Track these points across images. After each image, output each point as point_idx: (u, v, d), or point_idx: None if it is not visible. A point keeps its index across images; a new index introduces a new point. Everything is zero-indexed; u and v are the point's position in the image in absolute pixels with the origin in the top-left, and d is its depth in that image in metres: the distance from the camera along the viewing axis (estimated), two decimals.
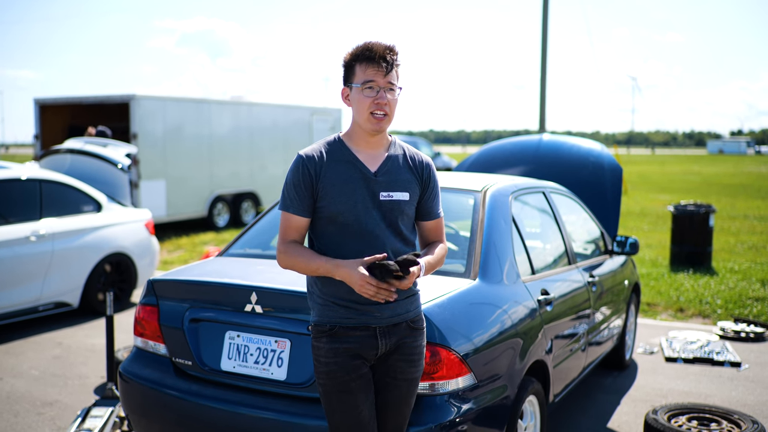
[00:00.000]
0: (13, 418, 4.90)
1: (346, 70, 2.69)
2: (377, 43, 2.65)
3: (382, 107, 2.62)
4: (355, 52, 2.65)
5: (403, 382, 2.76)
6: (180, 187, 14.09)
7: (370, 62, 2.62)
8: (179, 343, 3.51)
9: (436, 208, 2.84)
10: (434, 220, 2.84)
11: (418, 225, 2.85)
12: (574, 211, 5.40)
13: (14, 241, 6.81)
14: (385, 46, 2.64)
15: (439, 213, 2.85)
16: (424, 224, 2.84)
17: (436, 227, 2.85)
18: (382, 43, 2.65)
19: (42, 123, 14.68)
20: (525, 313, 3.76)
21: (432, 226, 2.84)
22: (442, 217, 2.87)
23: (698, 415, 4.64)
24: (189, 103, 14.52)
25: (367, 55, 2.62)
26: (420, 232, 2.86)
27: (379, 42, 2.66)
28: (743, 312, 8.02)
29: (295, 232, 2.69)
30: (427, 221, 2.83)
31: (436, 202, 2.84)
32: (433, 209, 2.83)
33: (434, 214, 2.84)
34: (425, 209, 2.81)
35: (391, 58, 2.63)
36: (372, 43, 2.65)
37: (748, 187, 29.51)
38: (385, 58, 2.62)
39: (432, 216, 2.83)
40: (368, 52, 2.62)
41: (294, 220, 2.67)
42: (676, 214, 10.78)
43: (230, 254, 4.23)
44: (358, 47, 2.66)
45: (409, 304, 2.73)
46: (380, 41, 2.66)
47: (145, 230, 8.26)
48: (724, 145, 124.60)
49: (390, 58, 2.63)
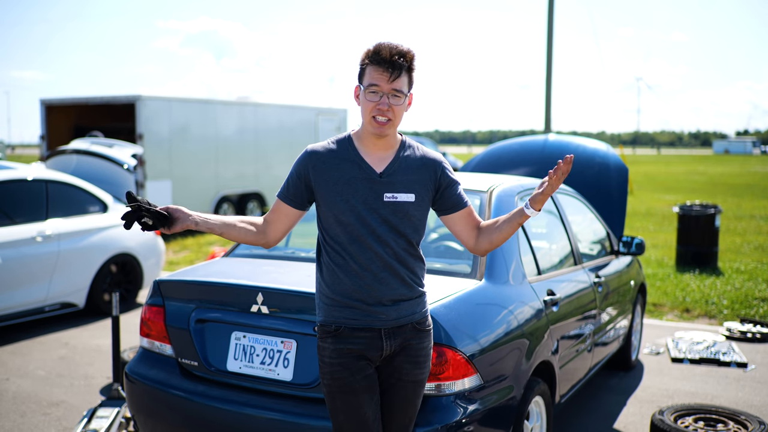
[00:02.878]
0: (19, 418, 4.91)
1: (360, 70, 2.63)
2: (388, 45, 2.56)
3: (384, 113, 2.56)
4: (368, 52, 2.59)
5: (408, 384, 2.75)
6: (186, 188, 14.11)
7: (378, 65, 2.55)
8: (185, 344, 3.51)
9: (462, 198, 2.75)
10: (465, 209, 2.76)
11: (451, 219, 2.76)
12: (580, 211, 5.39)
13: (20, 241, 6.83)
14: (395, 50, 2.54)
15: (466, 202, 2.77)
16: (457, 216, 2.76)
17: (469, 213, 2.77)
18: (394, 46, 2.55)
19: (48, 124, 14.73)
20: (531, 314, 3.75)
21: (465, 214, 2.76)
22: (470, 205, 2.79)
23: (705, 415, 4.63)
24: (194, 103, 14.54)
25: (375, 57, 2.56)
26: (458, 224, 2.77)
27: (392, 44, 2.56)
28: (749, 312, 8.00)
29: (274, 213, 2.73)
30: (458, 212, 2.75)
31: (459, 192, 2.76)
32: (459, 200, 2.75)
33: (462, 203, 2.75)
34: (451, 202, 2.74)
35: (399, 63, 2.54)
36: (382, 46, 2.56)
37: (754, 187, 29.42)
38: (392, 63, 2.53)
39: (461, 206, 2.75)
40: (377, 54, 2.55)
41: (277, 205, 2.73)
42: (682, 215, 10.75)
43: (236, 255, 4.23)
44: (372, 47, 2.59)
45: (415, 305, 2.72)
46: (394, 43, 2.56)
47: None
48: (729, 145, 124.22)
49: (398, 63, 2.54)
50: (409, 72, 2.60)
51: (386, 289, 2.64)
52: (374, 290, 2.63)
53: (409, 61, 2.58)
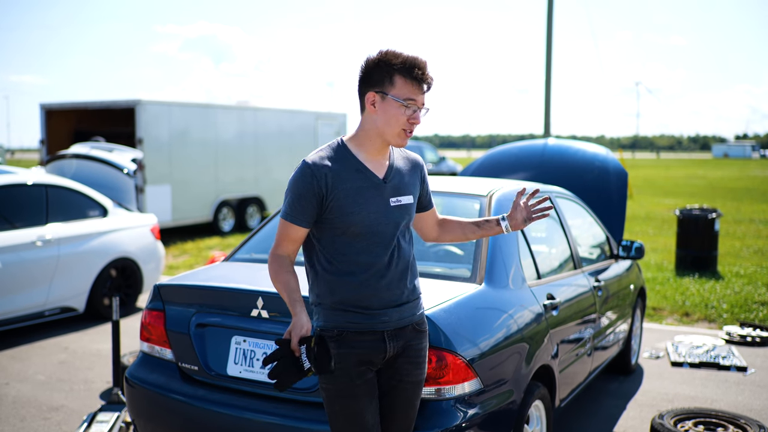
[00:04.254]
0: (19, 422, 4.91)
1: (382, 76, 2.57)
2: (424, 61, 2.60)
3: (413, 126, 2.64)
4: (401, 64, 2.55)
5: (409, 385, 2.76)
6: (185, 192, 14.11)
7: (416, 81, 2.57)
8: (185, 348, 3.52)
9: (431, 196, 2.97)
10: (433, 207, 2.99)
11: (423, 217, 2.97)
12: (580, 215, 5.40)
13: (20, 246, 6.83)
14: (426, 66, 2.60)
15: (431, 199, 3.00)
16: (427, 214, 2.97)
17: (434, 211, 3.01)
18: (424, 62, 2.60)
19: (48, 128, 14.73)
20: (531, 318, 3.76)
21: (432, 212, 3.00)
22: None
23: (704, 419, 4.63)
24: (194, 108, 14.55)
25: (415, 73, 2.56)
26: (428, 221, 2.99)
27: (423, 59, 2.61)
28: (749, 316, 8.00)
29: (292, 243, 2.65)
30: (428, 210, 2.96)
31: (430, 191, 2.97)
32: (430, 199, 2.97)
33: (431, 202, 2.98)
34: (426, 200, 2.93)
35: (431, 79, 2.62)
36: (420, 61, 2.58)
37: (754, 191, 29.44)
38: (428, 81, 2.61)
39: (431, 204, 2.97)
40: (418, 70, 2.56)
41: (293, 230, 2.61)
42: (682, 218, 10.76)
43: (236, 259, 4.24)
44: (405, 59, 2.56)
45: (415, 307, 2.75)
46: (421, 57, 2.60)
47: (151, 235, 8.28)
48: (728, 148, 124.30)
49: (431, 79, 2.62)
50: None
51: (394, 294, 2.66)
52: (383, 296, 2.64)
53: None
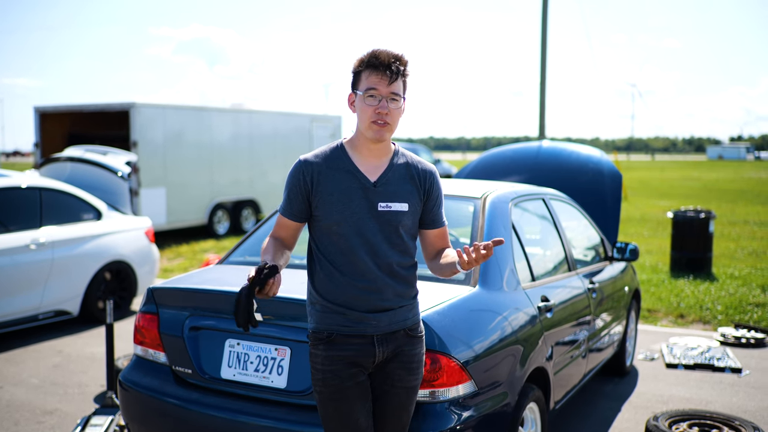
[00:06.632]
0: (13, 426, 4.89)
1: (354, 76, 2.66)
2: (385, 50, 2.61)
3: (383, 117, 2.59)
4: (363, 59, 2.63)
5: (401, 390, 2.75)
6: (180, 195, 14.10)
7: (375, 70, 2.59)
8: (179, 352, 3.51)
9: (440, 217, 2.81)
10: (439, 229, 2.81)
11: (424, 234, 2.81)
12: (574, 217, 5.40)
13: (14, 249, 6.81)
14: (392, 55, 2.60)
15: (443, 221, 2.83)
16: (429, 233, 2.81)
17: (441, 235, 2.82)
18: (390, 52, 2.61)
19: (42, 131, 14.70)
20: (525, 320, 3.76)
21: (437, 234, 2.81)
22: (446, 225, 2.85)
23: (699, 421, 4.64)
24: (189, 110, 14.54)
25: (373, 62, 2.60)
26: (426, 240, 2.82)
27: (387, 50, 2.62)
28: (744, 318, 8.01)
29: (283, 230, 2.75)
30: (432, 230, 2.80)
31: (441, 210, 2.82)
32: (437, 218, 2.80)
33: (439, 222, 2.81)
34: (430, 218, 2.78)
35: (396, 68, 2.59)
36: (379, 51, 2.61)
37: (748, 193, 29.52)
38: (390, 67, 2.58)
39: (437, 224, 2.80)
40: (374, 59, 2.60)
41: (283, 221, 2.74)
42: (676, 220, 10.78)
43: (230, 262, 4.23)
44: (366, 54, 2.63)
45: (407, 311, 2.73)
46: (389, 49, 2.62)
47: (145, 238, 8.26)
48: (723, 150, 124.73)
49: (396, 67, 2.59)
50: (404, 77, 2.65)
51: (378, 298, 2.65)
52: (367, 299, 2.64)
53: (404, 66, 2.64)
